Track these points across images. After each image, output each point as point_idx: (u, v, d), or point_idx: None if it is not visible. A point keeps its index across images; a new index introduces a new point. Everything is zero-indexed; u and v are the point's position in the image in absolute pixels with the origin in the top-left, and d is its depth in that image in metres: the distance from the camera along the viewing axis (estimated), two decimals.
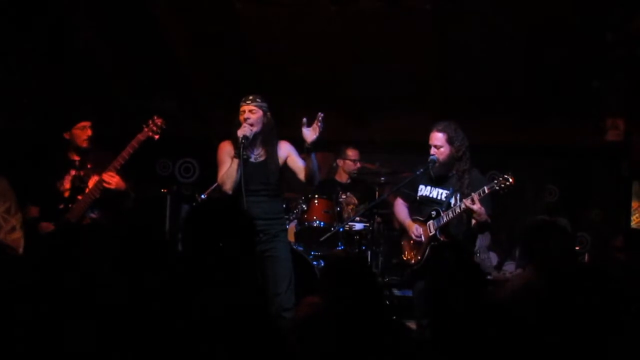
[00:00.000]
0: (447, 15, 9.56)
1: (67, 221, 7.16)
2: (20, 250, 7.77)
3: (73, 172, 7.34)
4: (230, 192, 6.77)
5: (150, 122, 7.21)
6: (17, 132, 9.65)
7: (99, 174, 7.23)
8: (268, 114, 6.87)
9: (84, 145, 7.32)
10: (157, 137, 7.24)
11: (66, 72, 9.80)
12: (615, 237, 7.75)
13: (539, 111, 10.65)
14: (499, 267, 10.65)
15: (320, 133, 6.51)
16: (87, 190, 7.24)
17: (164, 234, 8.33)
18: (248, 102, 6.81)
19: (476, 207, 6.53)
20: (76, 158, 7.37)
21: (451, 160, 6.91)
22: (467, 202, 6.57)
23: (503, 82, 10.28)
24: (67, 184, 7.32)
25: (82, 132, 7.30)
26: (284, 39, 10.09)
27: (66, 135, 7.34)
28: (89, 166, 7.36)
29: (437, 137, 6.93)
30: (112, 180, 7.15)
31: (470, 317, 3.72)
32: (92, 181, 7.27)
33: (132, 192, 7.48)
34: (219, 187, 7.02)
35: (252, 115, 6.75)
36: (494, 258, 10.75)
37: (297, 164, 6.89)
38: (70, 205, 7.24)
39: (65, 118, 7.47)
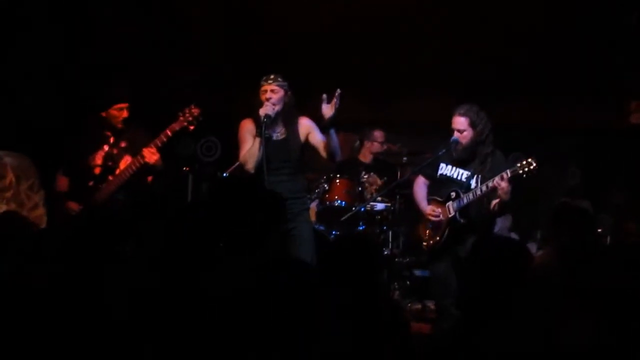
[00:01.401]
0: None
1: (94, 202, 7.18)
2: (43, 226, 7.82)
3: (106, 148, 7.36)
4: (252, 171, 6.77)
5: (187, 112, 7.16)
6: (45, 110, 9.66)
7: (132, 154, 7.24)
8: (289, 92, 6.87)
9: (119, 126, 7.32)
10: (192, 127, 7.22)
11: (86, 50, 9.81)
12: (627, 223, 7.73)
13: (561, 92, 10.62)
14: None
15: (337, 109, 6.50)
16: (117, 172, 7.25)
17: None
18: (269, 81, 6.81)
19: (504, 184, 6.50)
20: (110, 135, 7.40)
21: (474, 143, 6.89)
22: (497, 179, 6.53)
23: (526, 63, 10.24)
24: (98, 160, 7.33)
25: (119, 113, 7.29)
26: (307, 18, 10.08)
27: (103, 114, 7.36)
28: (122, 145, 7.36)
29: (460, 121, 6.91)
30: (154, 156, 7.15)
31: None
32: (124, 162, 7.27)
33: (165, 173, 7.52)
34: (241, 166, 7.03)
35: (273, 95, 6.76)
36: None
37: (318, 139, 6.88)
38: (99, 185, 7.26)
39: (97, 97, 7.48)
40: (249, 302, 3.43)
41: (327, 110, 6.56)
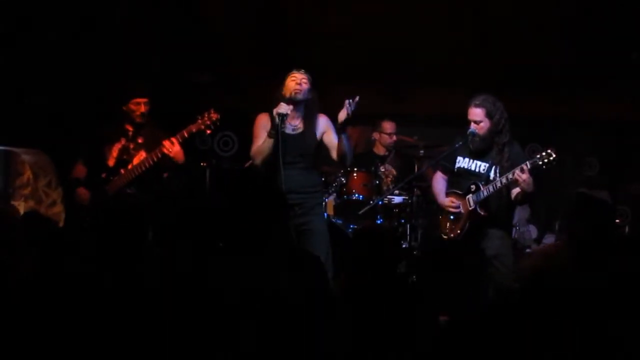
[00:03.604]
0: None
1: (104, 193, 7.25)
2: (61, 223, 7.87)
3: (123, 142, 7.43)
4: (260, 166, 6.83)
5: (206, 115, 7.22)
6: (61, 107, 9.69)
7: (147, 151, 7.30)
8: (312, 89, 6.92)
9: (138, 120, 7.42)
10: (209, 132, 7.29)
11: (102, 45, 9.83)
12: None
13: (578, 84, 10.57)
14: (538, 240, 10.62)
15: (350, 115, 6.55)
16: (130, 166, 7.31)
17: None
18: (302, 71, 6.86)
19: (525, 176, 6.47)
20: (129, 129, 7.47)
21: (491, 134, 6.85)
22: (517, 171, 6.51)
23: (543, 55, 10.21)
24: (114, 152, 7.41)
25: (137, 108, 7.38)
26: (321, 13, 10.07)
27: (124, 108, 7.42)
28: (139, 140, 7.43)
29: (476, 112, 6.87)
30: (173, 148, 7.19)
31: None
32: (138, 157, 7.34)
33: (184, 170, 7.56)
34: (252, 160, 7.07)
35: (304, 84, 6.81)
36: (533, 231, 10.71)
37: (332, 140, 6.94)
38: (111, 177, 7.33)
39: (117, 92, 7.56)
40: (258, 301, 3.46)
41: (342, 114, 6.61)
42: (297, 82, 6.81)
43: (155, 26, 10.33)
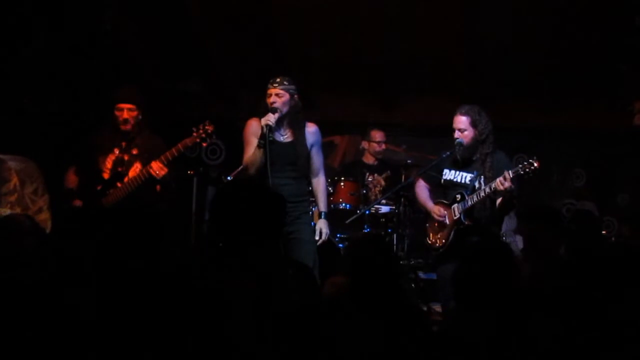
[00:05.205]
0: None
1: (101, 206, 7.17)
2: (48, 230, 7.82)
3: (117, 152, 7.35)
4: (254, 175, 6.81)
5: (201, 128, 7.14)
6: (51, 115, 9.66)
7: (143, 162, 7.23)
8: (295, 96, 6.85)
9: (122, 127, 7.26)
10: (204, 144, 7.25)
11: (93, 54, 9.81)
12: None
13: (566, 94, 10.61)
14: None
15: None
16: (126, 179, 7.25)
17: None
18: (275, 85, 6.79)
19: (507, 184, 6.49)
20: (121, 139, 7.37)
21: (475, 143, 6.91)
22: (500, 179, 6.53)
23: (530, 65, 10.25)
24: (108, 164, 7.30)
25: (119, 114, 7.26)
26: (311, 21, 10.08)
27: (112, 116, 7.34)
28: (133, 152, 7.35)
29: (461, 121, 6.94)
30: (161, 172, 7.12)
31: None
32: (134, 169, 7.26)
33: (174, 182, 7.51)
34: (245, 169, 7.04)
35: (278, 99, 6.74)
36: (520, 242, 10.71)
37: (314, 159, 7.03)
38: (107, 190, 7.25)
39: (102, 99, 7.51)
40: (251, 303, 3.46)
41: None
42: (271, 99, 6.78)
43: (145, 34, 10.33)
